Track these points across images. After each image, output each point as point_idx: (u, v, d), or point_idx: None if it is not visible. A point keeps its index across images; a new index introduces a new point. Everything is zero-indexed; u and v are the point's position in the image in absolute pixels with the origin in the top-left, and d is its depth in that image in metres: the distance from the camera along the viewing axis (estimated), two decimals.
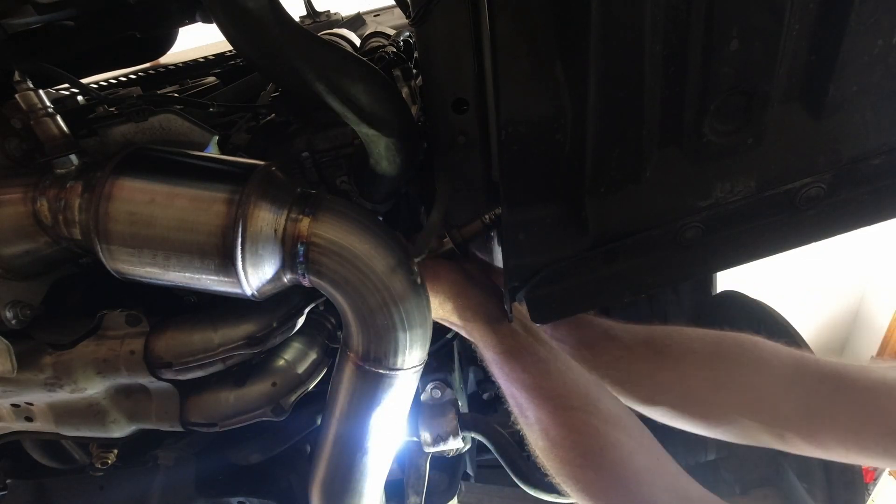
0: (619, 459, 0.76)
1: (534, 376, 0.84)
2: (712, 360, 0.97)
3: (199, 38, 1.59)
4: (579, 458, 0.78)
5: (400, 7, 1.12)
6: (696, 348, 0.99)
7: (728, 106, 0.69)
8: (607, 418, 0.80)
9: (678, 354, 1.00)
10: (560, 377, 0.84)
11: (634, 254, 0.78)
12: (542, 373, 0.85)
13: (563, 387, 0.83)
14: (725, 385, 0.95)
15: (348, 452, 1.03)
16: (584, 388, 0.84)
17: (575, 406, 0.81)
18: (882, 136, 0.73)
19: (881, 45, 0.67)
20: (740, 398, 0.93)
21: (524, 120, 0.72)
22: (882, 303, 4.40)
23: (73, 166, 0.87)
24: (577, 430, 0.79)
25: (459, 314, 0.97)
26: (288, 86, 0.98)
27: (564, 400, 0.82)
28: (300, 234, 0.85)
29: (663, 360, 1.00)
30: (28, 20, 0.87)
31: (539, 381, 0.84)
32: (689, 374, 0.98)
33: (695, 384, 0.97)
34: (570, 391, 0.83)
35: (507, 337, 0.90)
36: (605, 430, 0.79)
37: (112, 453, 1.09)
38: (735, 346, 0.98)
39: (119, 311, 0.97)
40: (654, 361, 1.00)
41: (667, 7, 0.63)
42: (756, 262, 0.79)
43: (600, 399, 0.83)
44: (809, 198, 0.74)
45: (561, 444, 0.80)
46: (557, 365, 0.86)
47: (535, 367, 0.85)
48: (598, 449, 0.78)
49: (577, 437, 0.79)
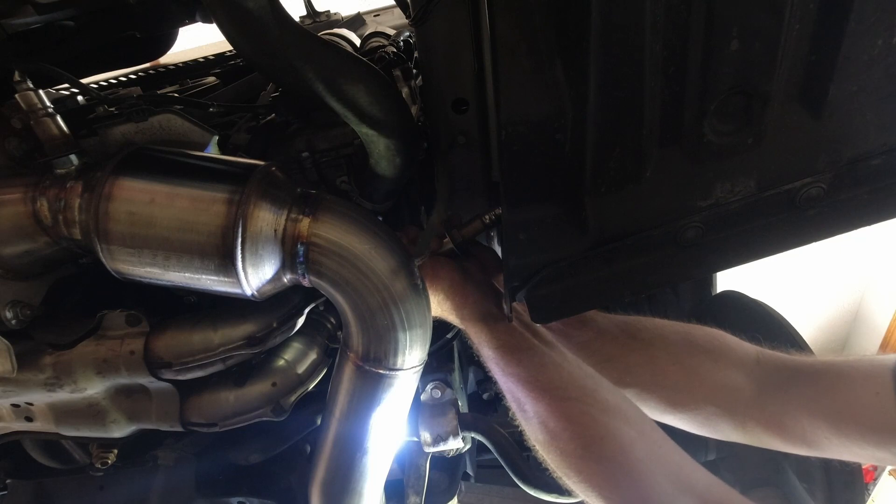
0: (620, 449, 0.75)
1: (530, 370, 0.84)
2: (682, 347, 1.01)
3: (199, 38, 1.59)
4: (579, 448, 0.77)
5: (400, 7, 1.12)
6: (668, 335, 1.04)
7: (728, 106, 0.69)
8: (606, 408, 0.79)
9: (649, 339, 1.04)
10: (556, 370, 0.84)
11: (635, 254, 0.78)
12: (538, 366, 0.84)
13: (559, 379, 0.83)
14: (693, 372, 0.99)
15: (348, 452, 1.03)
16: (580, 379, 0.83)
17: (572, 397, 0.80)
18: (882, 136, 0.73)
19: (881, 45, 0.67)
20: (706, 385, 0.97)
21: (524, 120, 0.72)
22: (882, 303, 4.40)
23: (73, 166, 0.87)
24: (576, 420, 0.78)
25: (457, 312, 0.98)
26: (288, 86, 0.99)
27: (561, 391, 0.81)
28: (300, 235, 0.85)
29: (635, 343, 1.04)
30: (28, 20, 0.87)
31: (535, 374, 0.83)
32: (659, 357, 1.02)
33: (664, 368, 1.01)
34: (567, 383, 0.82)
35: (502, 333, 0.90)
36: (604, 420, 0.77)
37: (112, 453, 1.09)
38: (703, 336, 1.02)
39: (119, 312, 0.97)
40: (627, 345, 1.04)
41: (667, 7, 0.63)
42: (756, 262, 0.79)
43: (598, 389, 0.82)
44: (809, 198, 0.74)
45: (560, 435, 0.79)
46: (553, 358, 0.86)
47: (531, 361, 0.85)
48: (597, 439, 0.76)
49: (576, 428, 0.78)
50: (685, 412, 1.00)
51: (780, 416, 0.90)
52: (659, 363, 1.01)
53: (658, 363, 1.01)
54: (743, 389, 0.95)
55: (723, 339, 1.02)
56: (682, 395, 0.99)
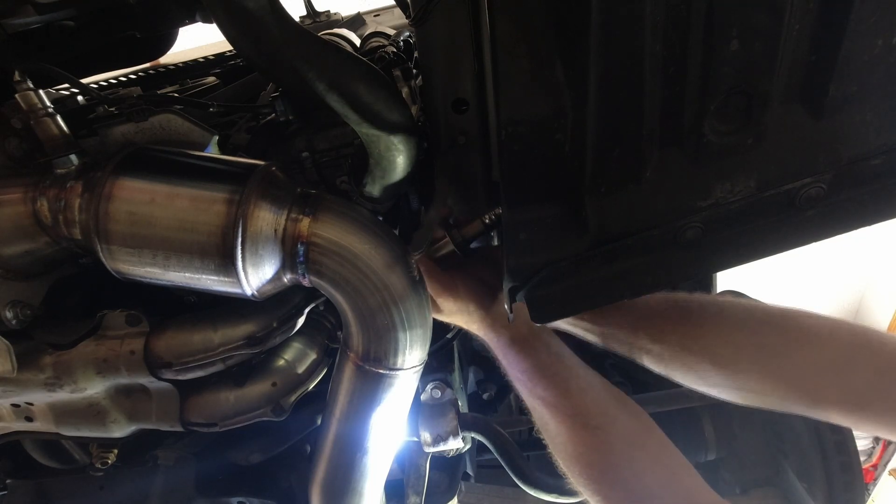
0: (632, 476, 0.82)
1: (556, 395, 0.90)
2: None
3: (199, 38, 1.59)
4: (596, 473, 0.85)
5: (400, 7, 1.11)
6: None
7: (728, 106, 0.69)
8: (624, 436, 0.86)
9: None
10: (581, 396, 0.90)
11: (635, 254, 0.78)
12: (564, 392, 0.90)
13: (583, 405, 0.89)
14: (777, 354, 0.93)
15: (348, 452, 1.03)
16: (603, 405, 0.89)
17: (593, 425, 0.87)
18: (882, 136, 0.73)
19: (881, 45, 0.67)
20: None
21: (524, 120, 0.71)
22: (882, 303, 4.40)
23: (74, 166, 0.87)
24: (595, 448, 0.86)
25: (485, 331, 0.99)
26: (288, 86, 0.98)
27: (584, 419, 0.87)
28: (300, 235, 0.85)
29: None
30: (28, 20, 0.87)
31: (560, 399, 0.90)
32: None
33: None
34: (590, 410, 0.88)
35: (530, 356, 0.94)
36: (620, 448, 0.85)
37: (112, 453, 1.09)
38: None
39: (119, 311, 0.98)
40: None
41: (667, 7, 0.63)
42: (756, 262, 0.79)
43: (618, 417, 0.88)
44: (809, 198, 0.74)
45: (578, 460, 0.87)
46: (579, 383, 0.91)
47: (557, 386, 0.91)
48: (613, 466, 0.84)
49: (593, 456, 0.86)
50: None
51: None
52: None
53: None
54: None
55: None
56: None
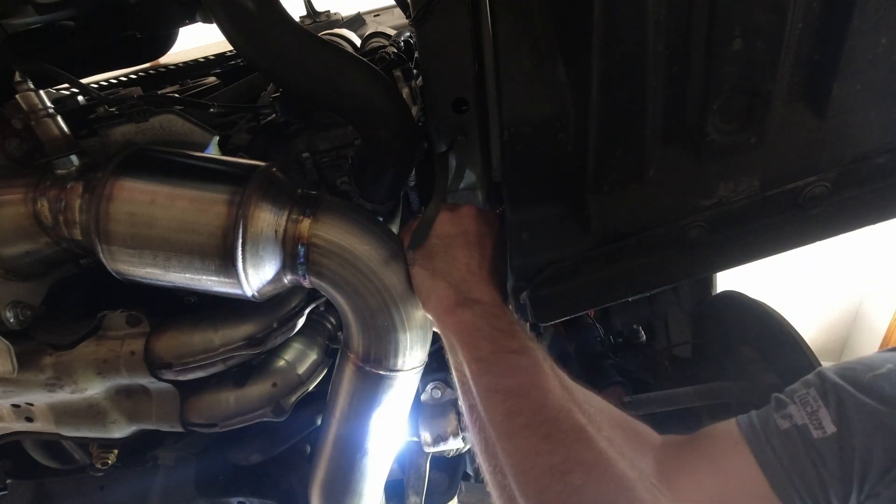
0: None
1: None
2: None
3: (199, 38, 1.59)
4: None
5: (400, 7, 1.11)
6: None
7: (731, 105, 0.69)
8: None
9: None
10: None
11: (637, 253, 0.78)
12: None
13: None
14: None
15: (348, 453, 1.03)
16: (584, 419, 0.85)
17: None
18: (886, 134, 0.73)
19: (885, 44, 0.67)
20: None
21: (527, 120, 0.71)
22: (882, 303, 4.39)
23: (74, 167, 0.87)
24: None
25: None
26: (288, 86, 0.98)
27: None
28: (301, 235, 0.85)
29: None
30: (28, 20, 0.87)
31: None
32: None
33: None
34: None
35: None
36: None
37: (112, 453, 1.09)
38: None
39: (119, 312, 0.97)
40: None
41: (669, 6, 0.63)
42: (756, 262, 0.79)
43: (601, 429, 0.84)
44: (813, 197, 0.74)
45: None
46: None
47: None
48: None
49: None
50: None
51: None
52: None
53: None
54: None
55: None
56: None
